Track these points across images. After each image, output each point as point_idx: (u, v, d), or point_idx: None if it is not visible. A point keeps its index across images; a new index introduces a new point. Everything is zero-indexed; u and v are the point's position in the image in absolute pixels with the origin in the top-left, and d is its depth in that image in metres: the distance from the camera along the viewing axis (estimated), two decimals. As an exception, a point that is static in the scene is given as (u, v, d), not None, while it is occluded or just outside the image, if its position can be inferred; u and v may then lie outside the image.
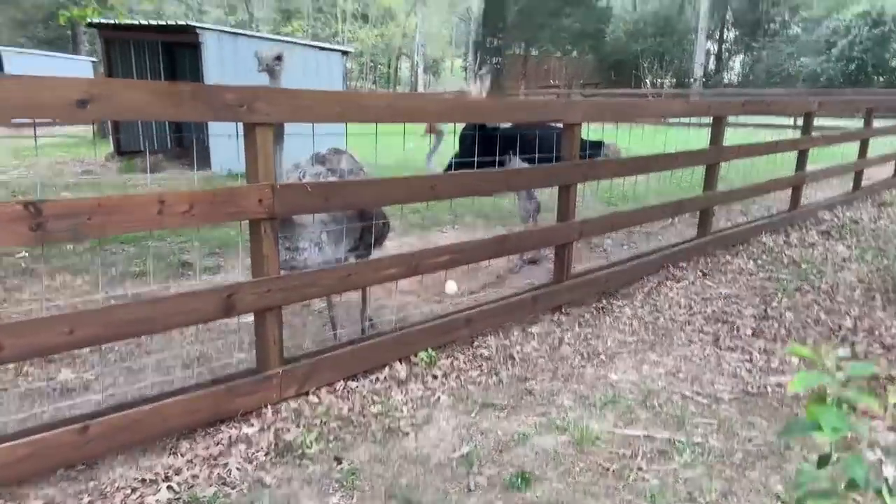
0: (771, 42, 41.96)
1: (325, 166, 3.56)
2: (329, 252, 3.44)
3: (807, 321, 4.38)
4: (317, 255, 3.39)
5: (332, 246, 3.45)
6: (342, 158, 3.67)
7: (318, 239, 3.39)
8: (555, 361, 3.84)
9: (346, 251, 3.58)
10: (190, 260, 5.71)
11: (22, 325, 2.31)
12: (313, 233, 3.38)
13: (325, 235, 3.41)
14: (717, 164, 5.82)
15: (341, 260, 3.53)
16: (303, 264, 3.37)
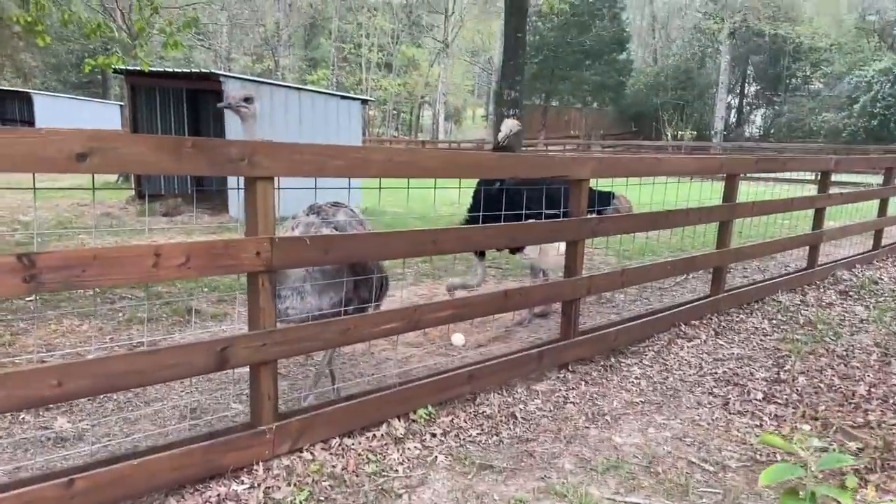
0: (792, 97, 42.13)
1: (319, 217, 3.52)
2: (312, 303, 3.34)
3: (819, 386, 4.26)
4: (298, 304, 3.30)
5: (316, 297, 3.35)
6: (339, 211, 3.60)
7: (301, 288, 3.31)
8: (558, 421, 3.75)
9: (332, 304, 3.44)
10: (197, 307, 5.72)
11: (9, 376, 2.29)
12: (296, 282, 3.30)
13: (307, 285, 3.32)
14: (731, 221, 5.76)
15: (325, 312, 3.42)
16: (284, 313, 3.27)
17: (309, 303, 3.33)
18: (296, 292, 3.30)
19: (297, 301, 3.30)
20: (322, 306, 3.38)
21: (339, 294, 3.44)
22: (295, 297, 3.30)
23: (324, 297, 3.37)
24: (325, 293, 3.37)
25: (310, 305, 3.34)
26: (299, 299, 3.31)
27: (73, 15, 7.99)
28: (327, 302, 3.39)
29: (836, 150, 26.23)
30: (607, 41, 43.98)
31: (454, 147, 36.01)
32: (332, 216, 3.54)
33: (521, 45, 12.32)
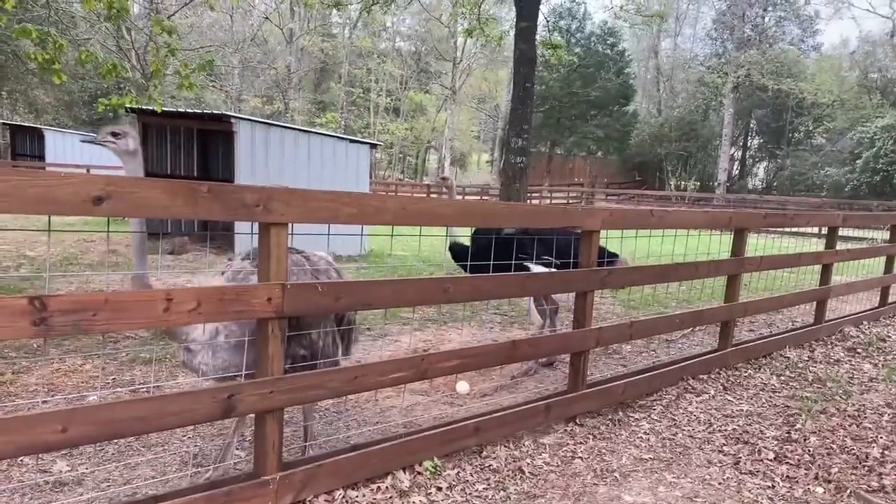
0: (795, 151, 42.54)
1: (252, 263, 3.19)
2: (224, 357, 2.99)
3: (832, 447, 4.17)
4: (209, 360, 2.98)
5: (231, 352, 3.00)
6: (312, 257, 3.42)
7: (214, 342, 2.99)
8: (566, 477, 3.67)
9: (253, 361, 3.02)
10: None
11: (13, 421, 2.25)
12: (207, 334, 2.99)
13: (221, 339, 2.99)
14: (739, 275, 5.74)
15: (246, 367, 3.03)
16: (196, 367, 3.02)
17: (221, 359, 3.01)
18: (207, 346, 2.98)
19: (207, 356, 2.99)
20: (238, 364, 3.02)
21: None
22: (206, 351, 2.99)
23: (240, 353, 3.00)
24: (240, 349, 3.00)
25: (222, 362, 3.01)
26: (210, 354, 2.99)
27: (91, 55, 8.11)
28: (245, 360, 3.01)
29: (839, 204, 26.38)
30: (612, 93, 44.67)
31: (458, 190, 36.25)
32: (303, 261, 3.30)
33: (529, 95, 12.48)
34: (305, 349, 3.24)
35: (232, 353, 3.01)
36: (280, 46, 45.85)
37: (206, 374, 3.03)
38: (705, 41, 50.33)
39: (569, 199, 36.11)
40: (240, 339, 2.98)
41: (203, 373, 3.03)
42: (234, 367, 3.03)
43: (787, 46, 42.67)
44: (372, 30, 50.36)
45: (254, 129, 11.42)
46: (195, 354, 2.99)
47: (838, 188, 34.79)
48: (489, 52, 44.03)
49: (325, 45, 47.27)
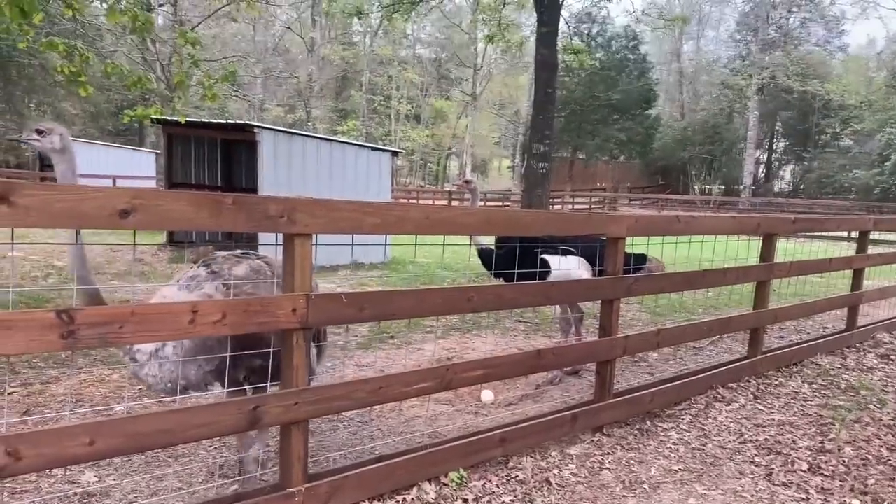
0: (822, 153, 41.94)
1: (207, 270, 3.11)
2: (171, 370, 2.89)
3: (867, 458, 4.07)
4: (156, 372, 2.88)
5: (179, 364, 2.89)
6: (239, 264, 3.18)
7: (161, 354, 2.89)
8: (594, 489, 3.61)
9: (202, 375, 2.98)
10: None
11: (42, 434, 2.26)
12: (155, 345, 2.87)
13: (168, 349, 2.88)
14: (769, 281, 5.64)
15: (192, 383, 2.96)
16: (144, 378, 2.93)
17: (168, 370, 2.90)
18: (154, 358, 2.88)
19: (154, 368, 2.89)
20: (187, 376, 2.93)
21: (211, 364, 2.98)
22: (153, 363, 2.89)
23: (189, 366, 2.93)
24: (192, 362, 2.92)
25: (169, 374, 2.90)
26: (157, 367, 2.89)
27: (116, 68, 8.22)
28: (194, 372, 2.95)
29: (868, 207, 25.94)
30: (635, 97, 44.42)
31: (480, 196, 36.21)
32: (226, 270, 3.09)
33: (550, 101, 12.44)
34: (263, 359, 3.02)
35: (182, 366, 2.90)
36: (302, 56, 46.26)
37: (154, 386, 2.93)
38: (728, 43, 49.96)
39: (591, 204, 35.92)
40: (189, 352, 2.88)
41: (150, 385, 2.94)
42: (183, 380, 2.92)
43: (812, 47, 42.17)
44: (392, 37, 50.60)
45: (276, 138, 11.50)
46: (142, 366, 2.89)
47: (867, 190, 34.22)
48: (510, 57, 44.02)
49: (346, 54, 47.61)
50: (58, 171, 2.84)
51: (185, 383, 2.95)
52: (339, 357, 6.01)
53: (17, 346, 2.16)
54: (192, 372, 2.94)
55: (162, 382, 2.91)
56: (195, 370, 2.95)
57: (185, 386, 2.95)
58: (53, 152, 2.81)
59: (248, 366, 3.07)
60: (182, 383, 2.93)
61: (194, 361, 2.91)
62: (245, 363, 3.05)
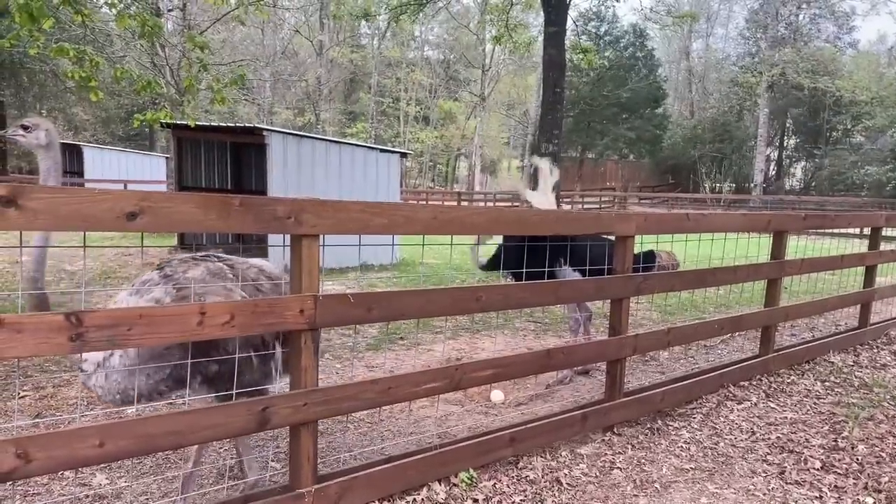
0: (833, 150, 41.63)
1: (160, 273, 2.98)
2: (118, 380, 2.72)
3: (881, 455, 4.03)
4: (103, 383, 2.72)
5: (127, 375, 2.73)
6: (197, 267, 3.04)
7: (108, 363, 2.72)
8: (605, 489, 3.59)
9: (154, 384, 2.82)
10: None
11: (52, 437, 2.27)
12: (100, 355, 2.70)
13: (115, 359, 2.72)
14: (780, 278, 5.60)
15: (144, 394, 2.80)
16: (93, 388, 2.79)
17: (115, 381, 2.74)
18: (100, 368, 2.72)
19: (101, 379, 2.73)
20: (137, 386, 2.76)
21: (162, 373, 2.82)
22: (100, 373, 2.73)
23: (139, 375, 2.77)
24: (141, 371, 2.76)
25: (116, 385, 2.74)
26: (103, 378, 2.73)
27: (126, 73, 8.27)
28: (144, 382, 2.78)
29: (881, 204, 25.74)
30: (643, 95, 44.25)
31: (489, 197, 36.20)
32: (179, 273, 2.94)
33: (559, 100, 12.41)
34: (221, 366, 2.89)
35: (128, 376, 2.74)
36: (310, 59, 46.36)
37: (102, 397, 2.79)
38: (738, 41, 49.72)
39: (601, 203, 35.82)
40: (136, 362, 2.73)
41: (99, 396, 2.81)
42: (131, 391, 2.76)
43: (822, 44, 41.88)
44: (400, 39, 50.67)
45: (285, 141, 11.53)
46: (90, 376, 2.75)
47: (879, 187, 33.94)
48: (518, 58, 43.92)
49: (354, 56, 47.68)
50: (42, 167, 2.74)
51: (136, 394, 2.79)
52: (348, 358, 6.02)
53: (27, 348, 2.17)
54: (141, 382, 2.77)
55: (110, 394, 2.76)
56: (144, 380, 2.78)
57: (136, 396, 2.79)
58: (39, 148, 2.71)
59: (204, 373, 2.90)
60: (132, 393, 2.77)
61: (143, 371, 2.76)
62: (200, 370, 2.88)
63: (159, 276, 2.93)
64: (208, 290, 2.90)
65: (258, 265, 3.27)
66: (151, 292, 2.85)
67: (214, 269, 3.01)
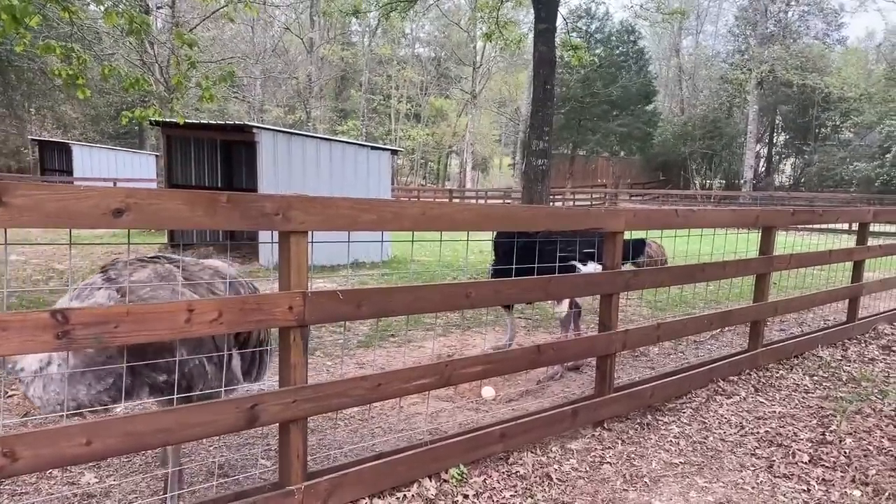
0: (822, 146, 41.84)
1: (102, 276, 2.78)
2: (57, 390, 2.54)
3: (868, 449, 4.06)
4: (40, 392, 2.54)
5: (66, 384, 2.55)
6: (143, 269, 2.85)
7: (45, 373, 2.53)
8: (595, 483, 3.61)
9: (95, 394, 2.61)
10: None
11: (38, 435, 2.26)
12: (37, 364, 2.52)
13: (53, 367, 2.53)
14: (768, 274, 5.63)
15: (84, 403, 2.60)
16: (32, 399, 2.61)
17: (53, 391, 2.55)
18: (38, 378, 2.55)
19: (38, 389, 2.56)
20: (77, 396, 2.58)
21: (104, 382, 2.63)
22: (37, 383, 2.55)
23: (79, 385, 2.58)
24: (80, 380, 2.58)
25: (55, 395, 2.55)
26: (41, 387, 2.55)
27: (113, 70, 8.22)
28: (84, 392, 2.59)
29: (869, 199, 25.90)
30: (634, 92, 44.33)
31: (481, 194, 36.24)
32: (124, 276, 2.74)
33: (549, 97, 12.41)
34: (169, 374, 2.72)
35: (68, 385, 2.57)
36: (301, 56, 46.24)
37: (42, 408, 2.61)
38: (727, 38, 49.85)
39: (592, 200, 35.90)
40: (76, 370, 2.56)
41: (38, 406, 2.63)
42: (72, 401, 2.58)
43: (811, 41, 42.05)
44: (391, 37, 50.58)
45: (276, 139, 11.50)
46: (28, 386, 2.58)
47: (868, 183, 34.14)
48: (509, 55, 43.97)
49: (345, 54, 47.57)
50: None
51: (76, 405, 2.60)
52: (338, 356, 6.01)
53: (12, 346, 2.16)
54: (81, 392, 2.59)
55: (49, 405, 2.57)
56: (85, 389, 2.59)
57: (75, 407, 2.60)
58: None
59: (151, 382, 2.72)
60: (72, 405, 2.58)
61: (83, 380, 2.58)
62: (147, 379, 2.71)
63: (102, 280, 2.75)
64: (156, 294, 2.75)
65: (213, 266, 3.16)
66: (93, 296, 2.66)
67: (163, 272, 2.86)
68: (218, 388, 2.93)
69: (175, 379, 2.71)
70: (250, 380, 3.19)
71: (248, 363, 3.17)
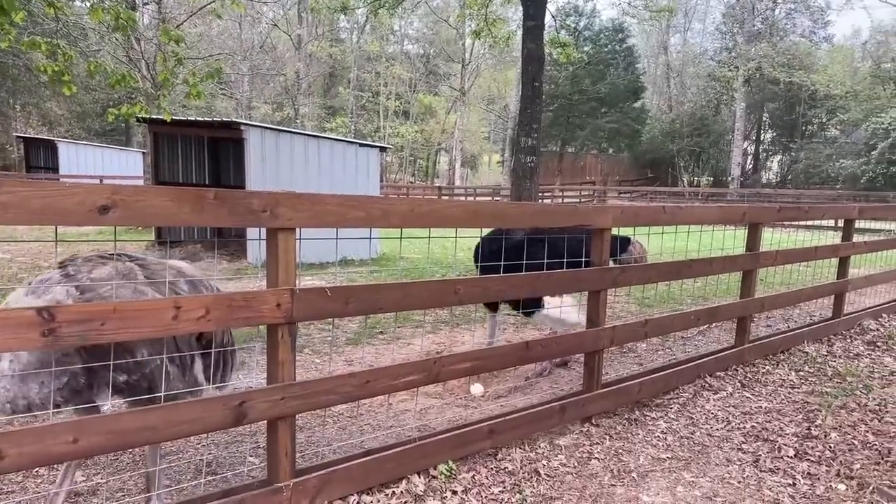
0: (809, 143, 42.14)
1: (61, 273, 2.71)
2: (7, 387, 2.47)
3: (853, 443, 4.10)
4: None
5: (18, 382, 2.48)
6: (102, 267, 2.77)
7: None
8: (583, 478, 3.63)
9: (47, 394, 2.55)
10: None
11: (24, 433, 2.24)
12: None
13: (5, 364, 2.48)
14: (755, 270, 5.67)
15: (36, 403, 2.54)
16: None
17: (4, 389, 2.48)
18: None
19: None
20: (28, 395, 2.52)
21: (58, 381, 2.56)
22: None
23: (31, 383, 2.52)
24: (33, 379, 2.51)
25: (4, 392, 2.48)
26: None
27: (100, 66, 8.16)
28: (36, 391, 2.52)
29: (855, 196, 26.12)
30: (622, 89, 44.47)
31: (470, 191, 36.24)
32: (84, 273, 2.69)
33: (537, 94, 12.42)
34: (128, 375, 2.68)
35: (20, 383, 2.50)
36: (289, 53, 46.06)
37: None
38: (715, 35, 50.09)
39: (581, 197, 35.99)
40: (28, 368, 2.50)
41: None
42: (24, 400, 2.52)
43: (798, 38, 42.31)
44: (380, 33, 50.48)
45: (264, 136, 11.45)
46: None
47: (854, 180, 34.40)
48: (497, 52, 43.97)
49: (333, 51, 47.44)
50: None
51: (27, 403, 2.54)
52: (327, 353, 6.01)
53: (-3, 344, 2.15)
54: (33, 391, 2.52)
55: None
56: (37, 388, 2.52)
57: (25, 406, 2.54)
58: None
59: (109, 383, 2.65)
60: (23, 403, 2.52)
61: (36, 378, 2.52)
62: (104, 379, 2.64)
63: (60, 276, 2.68)
64: (117, 293, 2.67)
65: (176, 266, 3.11)
66: (50, 293, 2.59)
67: (123, 270, 2.79)
68: (182, 391, 2.88)
69: (135, 380, 2.67)
70: (216, 382, 3.13)
71: (211, 365, 3.10)
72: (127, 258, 2.90)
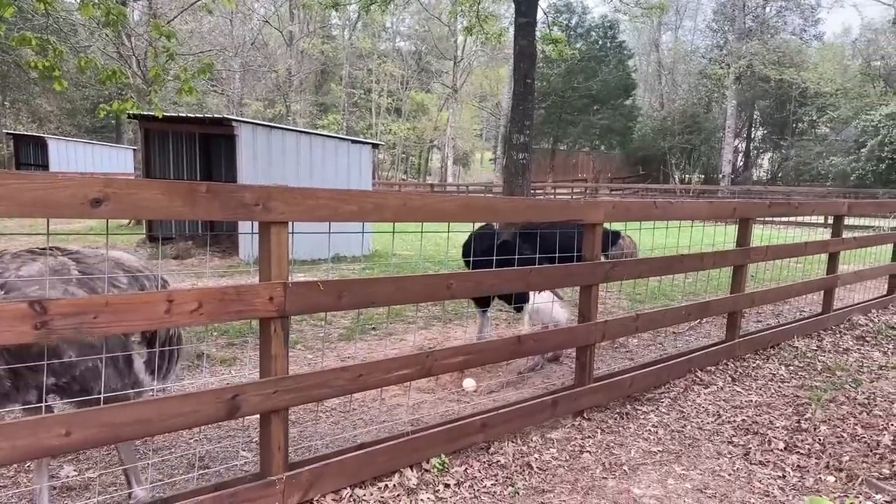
0: (799, 141, 42.31)
1: None
2: None
3: (842, 436, 4.14)
4: None
5: None
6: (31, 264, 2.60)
7: None
8: (575, 472, 3.65)
9: None
10: (206, 351, 5.66)
11: (16, 426, 2.24)
12: None
13: None
14: (745, 265, 5.71)
15: None
16: None
17: None
18: None
19: None
20: None
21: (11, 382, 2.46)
22: None
23: None
24: None
25: None
26: None
27: (90, 62, 8.12)
28: None
29: (845, 193, 26.26)
30: (614, 86, 44.52)
31: (462, 189, 36.26)
32: (11, 270, 2.54)
33: (529, 91, 12.43)
34: (57, 377, 2.56)
35: None
36: (280, 49, 45.91)
37: None
38: (706, 33, 50.20)
39: (573, 194, 36.03)
40: None
41: None
42: None
43: (788, 36, 42.42)
44: (372, 30, 50.36)
45: (255, 132, 11.43)
46: None
47: (844, 177, 34.56)
48: (489, 49, 44.00)
49: (325, 47, 47.29)
50: None
51: None
52: (319, 349, 6.01)
53: (-11, 336, 2.14)
54: None
55: None
56: None
57: None
58: None
59: (37, 385, 2.52)
60: None
61: None
62: (31, 382, 2.51)
63: (14, 267, 2.55)
64: (46, 292, 2.50)
65: (115, 258, 2.92)
66: None
67: (55, 265, 2.62)
68: (123, 391, 2.78)
69: (64, 383, 2.57)
70: (160, 377, 3.03)
71: (154, 362, 2.97)
72: (60, 252, 2.75)
